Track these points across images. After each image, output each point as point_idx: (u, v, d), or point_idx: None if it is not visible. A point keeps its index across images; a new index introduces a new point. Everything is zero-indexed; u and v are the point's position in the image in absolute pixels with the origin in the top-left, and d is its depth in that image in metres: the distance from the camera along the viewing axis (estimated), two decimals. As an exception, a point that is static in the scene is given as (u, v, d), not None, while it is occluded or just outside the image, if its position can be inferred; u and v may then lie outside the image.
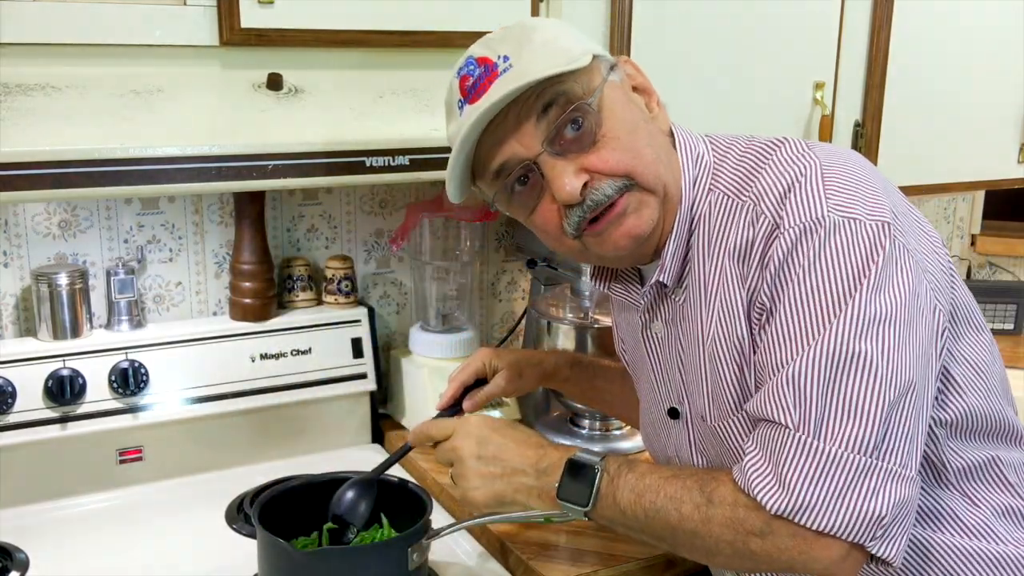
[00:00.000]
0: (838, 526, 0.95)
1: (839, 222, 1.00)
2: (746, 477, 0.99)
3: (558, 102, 1.06)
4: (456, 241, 1.85)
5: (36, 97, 1.26)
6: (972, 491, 1.12)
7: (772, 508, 0.96)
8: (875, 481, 0.95)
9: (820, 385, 0.97)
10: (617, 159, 1.07)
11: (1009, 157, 2.14)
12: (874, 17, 1.86)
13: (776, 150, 1.09)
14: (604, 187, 1.07)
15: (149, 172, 1.25)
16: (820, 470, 0.95)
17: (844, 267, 0.98)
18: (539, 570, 1.34)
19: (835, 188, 1.02)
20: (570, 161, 1.07)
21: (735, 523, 0.99)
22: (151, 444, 1.64)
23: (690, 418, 1.19)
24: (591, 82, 1.08)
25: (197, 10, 1.35)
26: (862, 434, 0.95)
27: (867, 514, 0.95)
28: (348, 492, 1.29)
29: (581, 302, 1.79)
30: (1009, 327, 2.50)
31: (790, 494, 0.96)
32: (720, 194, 1.11)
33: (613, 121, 1.08)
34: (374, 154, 1.37)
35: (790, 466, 0.96)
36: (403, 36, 1.48)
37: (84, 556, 1.42)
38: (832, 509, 0.95)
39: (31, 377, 1.53)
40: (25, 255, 1.64)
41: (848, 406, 0.96)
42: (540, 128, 1.07)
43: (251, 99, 1.37)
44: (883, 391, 0.96)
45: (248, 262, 1.72)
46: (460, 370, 1.39)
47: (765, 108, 1.82)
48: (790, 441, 0.97)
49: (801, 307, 0.99)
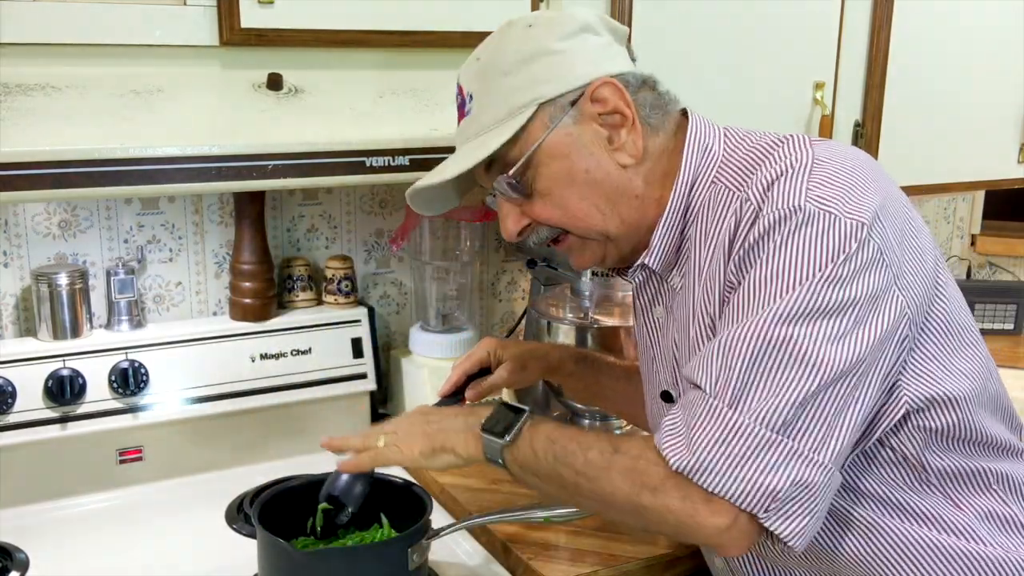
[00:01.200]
0: (730, 490, 0.96)
1: (815, 213, 1.01)
2: (660, 433, 1.02)
3: (496, 165, 1.15)
4: (456, 241, 1.85)
5: (36, 97, 1.26)
6: (955, 494, 1.12)
7: (673, 464, 0.98)
8: (776, 456, 0.96)
9: (744, 359, 0.98)
10: (548, 215, 1.16)
11: (1009, 157, 2.15)
12: (874, 17, 1.86)
13: (780, 145, 1.10)
14: (542, 232, 1.18)
15: (149, 172, 1.25)
16: (725, 436, 0.97)
17: (807, 256, 1.00)
18: (539, 570, 1.34)
19: (819, 181, 1.03)
20: (515, 204, 1.17)
21: (633, 474, 1.01)
22: (151, 444, 1.64)
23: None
24: (534, 137, 1.13)
25: (197, 10, 1.36)
26: (774, 412, 0.97)
27: (761, 486, 0.96)
28: (344, 473, 1.26)
29: (581, 302, 1.79)
30: (1009, 327, 2.50)
31: (692, 454, 0.98)
32: (721, 186, 1.12)
33: (545, 180, 1.14)
34: (374, 154, 1.37)
35: (699, 429, 0.98)
36: (403, 36, 1.48)
37: (84, 556, 1.42)
38: (727, 474, 0.96)
39: (31, 377, 1.53)
40: (25, 255, 1.64)
41: (766, 384, 0.97)
42: (489, 176, 1.17)
43: (251, 99, 1.37)
44: (806, 377, 0.97)
45: (248, 262, 1.72)
46: (464, 359, 1.40)
47: (765, 108, 1.82)
48: (704, 407, 0.99)
49: (755, 287, 1.01)
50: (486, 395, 1.39)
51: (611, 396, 1.50)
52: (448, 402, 1.36)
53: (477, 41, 1.25)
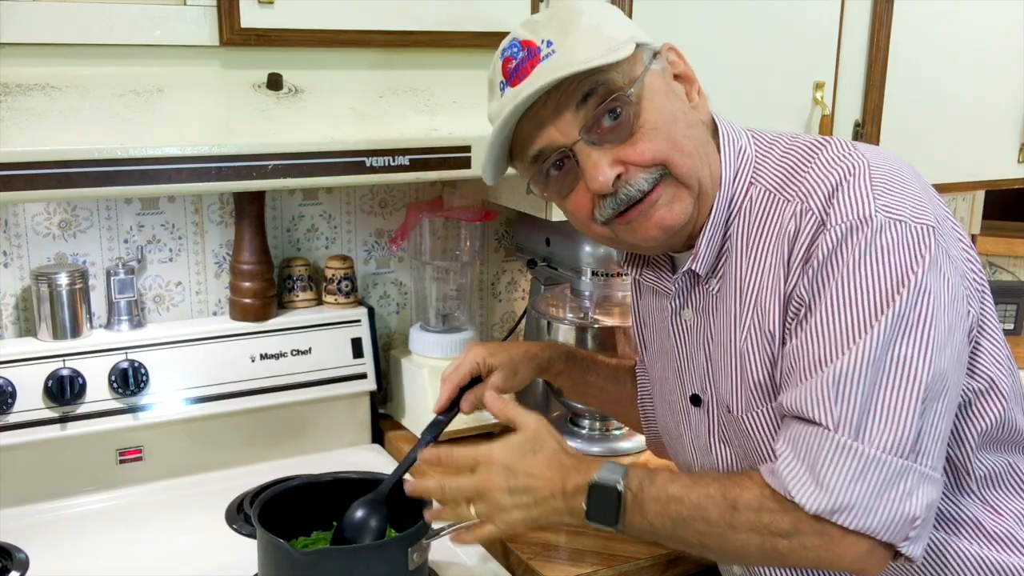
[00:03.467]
0: (875, 526, 0.96)
1: (885, 223, 1.00)
2: (780, 479, 1.00)
3: (597, 92, 1.06)
4: (456, 241, 1.85)
5: (36, 97, 1.26)
6: (993, 498, 1.13)
7: (810, 508, 0.97)
8: (910, 483, 0.97)
9: (862, 387, 0.97)
10: (654, 149, 1.07)
11: (1009, 157, 2.14)
12: (874, 17, 1.86)
13: (822, 148, 1.09)
14: (638, 180, 1.08)
15: (149, 172, 1.25)
16: (858, 471, 0.96)
17: (888, 268, 0.99)
18: (539, 570, 1.34)
19: (882, 189, 1.03)
20: (605, 151, 1.08)
21: (760, 527, 1.00)
22: (151, 444, 1.64)
23: (713, 406, 1.20)
24: (632, 71, 1.08)
25: (197, 10, 1.35)
26: (899, 437, 0.96)
27: (903, 515, 0.96)
28: (358, 511, 1.26)
29: (581, 302, 1.79)
30: (1009, 327, 2.50)
31: (829, 494, 0.96)
32: (762, 188, 1.11)
33: (651, 112, 1.08)
34: (374, 154, 1.37)
35: (828, 467, 0.97)
36: (403, 36, 1.48)
37: (84, 556, 1.42)
38: (869, 510, 0.96)
39: (31, 377, 1.53)
40: (25, 255, 1.64)
41: (887, 409, 0.97)
42: (578, 116, 1.07)
43: (251, 99, 1.37)
44: (919, 394, 0.97)
45: (248, 262, 1.72)
46: (453, 370, 1.36)
47: (765, 108, 1.82)
48: (828, 442, 0.97)
49: (843, 306, 0.99)
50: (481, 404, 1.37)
51: (598, 395, 1.50)
52: (446, 416, 1.34)
53: (477, 41, 1.26)
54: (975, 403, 1.09)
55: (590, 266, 1.75)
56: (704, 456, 1.24)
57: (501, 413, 1.20)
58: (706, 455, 1.23)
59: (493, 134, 1.11)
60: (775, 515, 0.99)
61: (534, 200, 1.67)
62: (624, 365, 1.50)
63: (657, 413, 1.37)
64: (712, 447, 1.22)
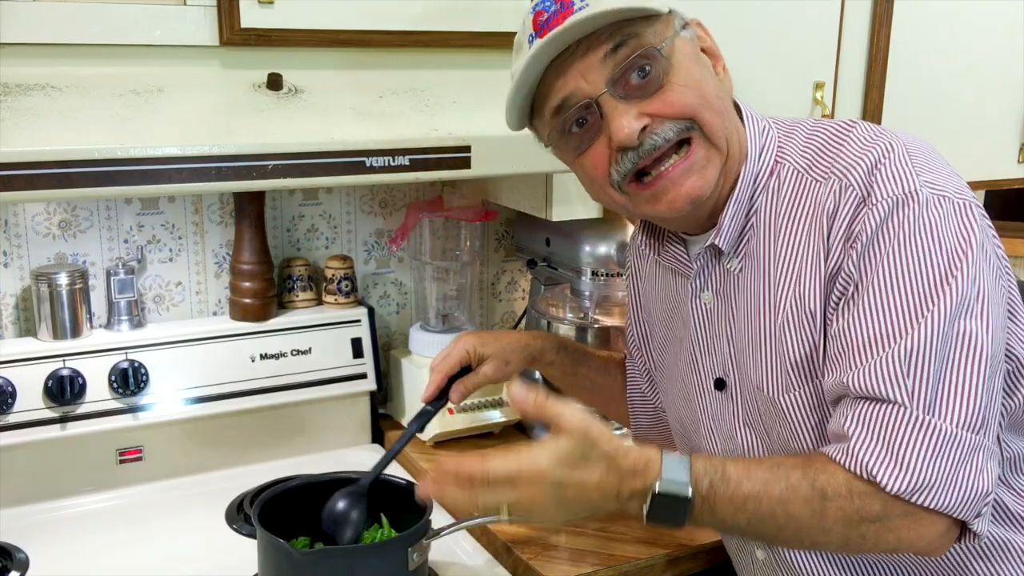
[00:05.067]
0: (953, 504, 0.95)
1: (931, 197, 1.00)
2: (857, 460, 0.97)
3: (628, 43, 1.04)
4: (456, 241, 1.85)
5: (36, 97, 1.26)
6: (1016, 481, 1.13)
7: (892, 488, 0.95)
8: (982, 459, 0.96)
9: (933, 363, 0.96)
10: (684, 101, 1.05)
11: (1009, 157, 2.14)
12: (874, 17, 1.86)
13: (851, 129, 1.09)
14: (664, 130, 1.05)
15: (149, 172, 1.25)
16: (937, 448, 0.95)
17: (942, 243, 0.98)
18: (539, 570, 1.34)
19: (923, 166, 1.03)
20: (632, 105, 1.05)
21: (851, 513, 0.97)
22: (151, 444, 1.64)
23: (737, 389, 1.18)
24: (664, 31, 1.07)
25: (197, 10, 1.35)
26: (971, 412, 0.96)
27: (977, 491, 0.96)
28: (338, 503, 1.26)
29: (581, 302, 1.79)
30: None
31: (909, 473, 0.95)
32: (790, 168, 1.11)
33: (681, 71, 1.06)
34: (374, 154, 1.37)
35: (907, 445, 0.95)
36: (403, 36, 1.48)
37: (84, 556, 1.42)
38: (948, 487, 0.95)
39: (31, 377, 1.53)
40: (25, 255, 1.64)
41: (958, 384, 0.96)
42: (607, 66, 1.05)
43: (251, 99, 1.37)
44: (984, 369, 0.97)
45: (248, 262, 1.72)
46: (442, 359, 1.34)
47: (765, 108, 1.81)
48: (905, 419, 0.96)
49: (900, 282, 0.99)
50: (471, 394, 1.36)
51: (587, 387, 1.49)
52: (434, 405, 1.34)
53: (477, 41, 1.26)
54: (1007, 383, 1.09)
55: (590, 266, 1.75)
56: (726, 442, 1.22)
57: (537, 411, 1.00)
58: (729, 440, 1.22)
59: (517, 81, 1.08)
60: (865, 499, 0.96)
61: (534, 200, 1.67)
62: (615, 358, 1.50)
63: (668, 405, 1.36)
64: (736, 431, 1.20)
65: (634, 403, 1.46)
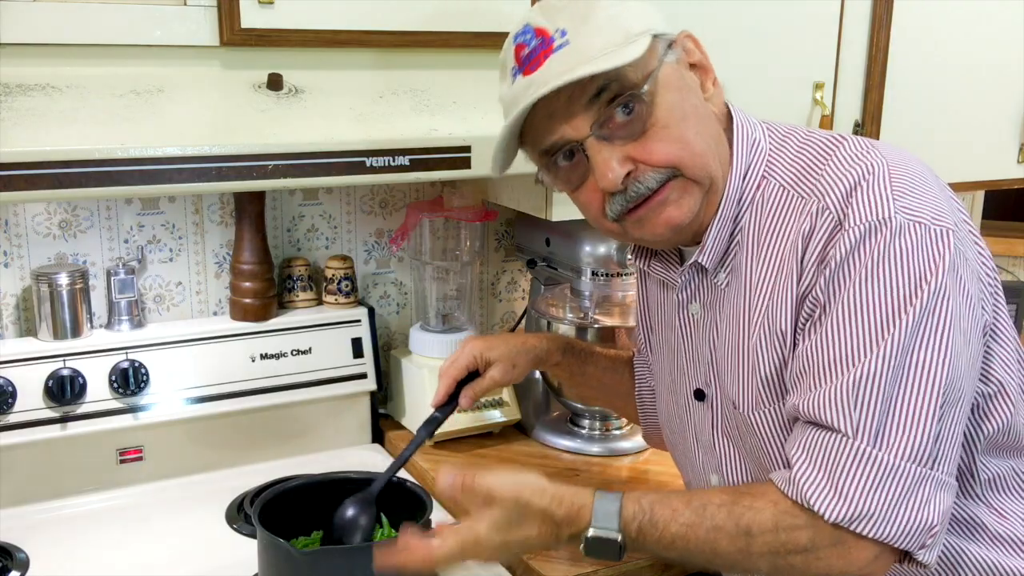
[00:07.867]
0: (893, 535, 0.96)
1: (905, 224, 0.99)
2: (797, 487, 0.99)
3: (610, 88, 1.05)
4: (456, 241, 1.85)
5: (36, 97, 1.26)
6: (997, 502, 1.13)
7: (829, 516, 0.96)
8: (928, 491, 0.96)
9: (881, 393, 0.96)
10: (665, 151, 1.06)
11: (1009, 157, 2.14)
12: (874, 17, 1.86)
13: (839, 146, 1.08)
14: (647, 179, 1.07)
15: (149, 172, 1.25)
16: (878, 480, 0.95)
17: (908, 272, 0.97)
18: (539, 570, 1.34)
19: (902, 190, 1.01)
20: (616, 148, 1.07)
21: (778, 547, 0.99)
22: (151, 444, 1.64)
23: (717, 402, 1.19)
24: (646, 66, 1.06)
25: (197, 10, 1.35)
26: (918, 444, 0.96)
27: (921, 523, 0.96)
28: (348, 510, 1.26)
29: (581, 302, 1.79)
30: (1009, 327, 2.50)
31: (848, 503, 0.96)
32: (776, 184, 1.10)
33: (664, 109, 1.07)
34: (374, 154, 1.37)
35: (847, 474, 0.96)
36: (403, 36, 1.48)
37: (84, 556, 1.42)
38: (889, 518, 0.95)
39: (31, 377, 1.53)
40: (25, 255, 1.64)
41: (905, 415, 0.96)
42: (591, 112, 1.06)
43: (251, 99, 1.37)
44: (938, 400, 0.96)
45: (248, 262, 1.72)
46: (450, 364, 1.35)
47: (765, 108, 1.80)
48: (848, 449, 0.97)
49: (861, 310, 0.98)
50: (480, 398, 1.37)
51: (595, 386, 1.49)
52: (443, 411, 1.33)
53: (477, 41, 1.26)
54: (984, 407, 1.09)
55: (590, 266, 1.75)
56: (707, 452, 1.23)
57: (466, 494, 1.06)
58: (709, 451, 1.23)
59: (504, 128, 1.10)
60: (792, 532, 0.98)
61: (534, 200, 1.67)
62: (622, 356, 1.50)
63: (660, 409, 1.36)
64: (716, 443, 1.21)
65: (643, 401, 1.46)
